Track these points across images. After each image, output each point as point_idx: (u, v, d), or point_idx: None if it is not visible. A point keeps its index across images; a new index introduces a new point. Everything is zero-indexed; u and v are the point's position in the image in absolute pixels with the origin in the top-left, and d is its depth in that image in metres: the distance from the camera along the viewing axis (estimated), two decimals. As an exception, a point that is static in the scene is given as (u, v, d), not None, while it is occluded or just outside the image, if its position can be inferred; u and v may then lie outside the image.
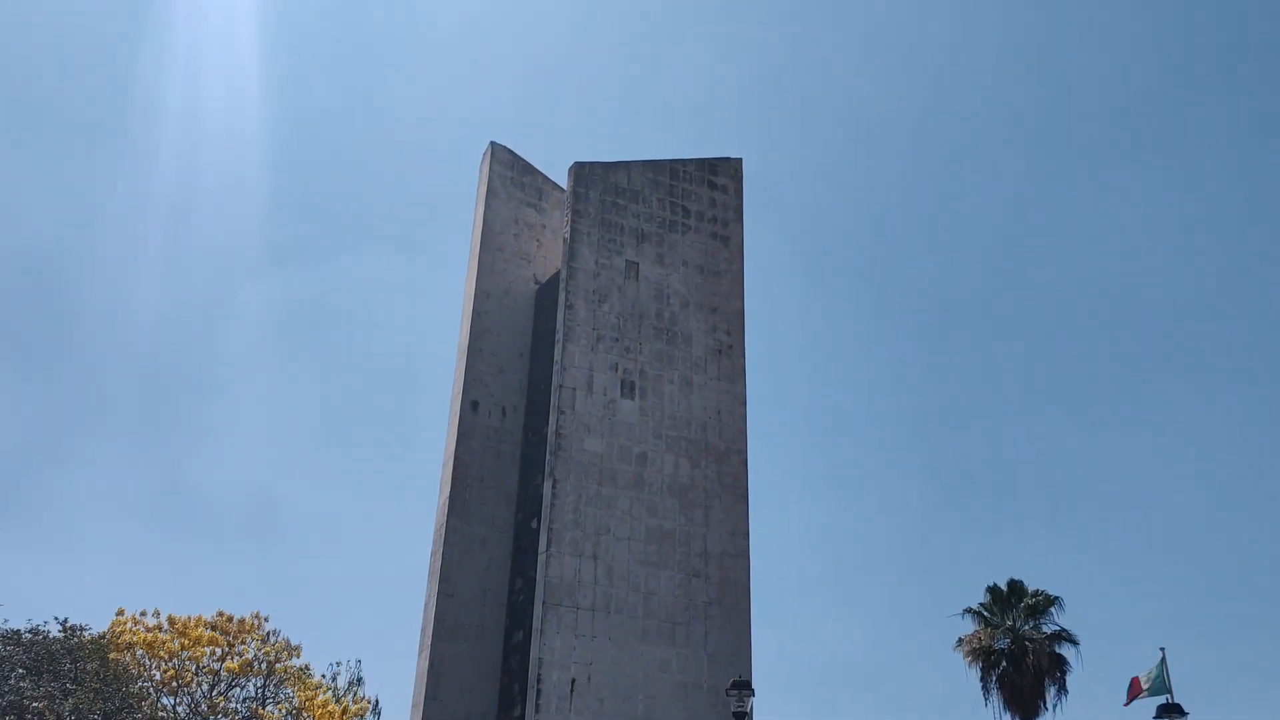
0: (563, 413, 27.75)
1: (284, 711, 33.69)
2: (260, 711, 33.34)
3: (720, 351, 30.27)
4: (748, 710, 20.99)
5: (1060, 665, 32.40)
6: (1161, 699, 19.74)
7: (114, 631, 31.85)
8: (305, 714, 33.34)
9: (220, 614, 34.04)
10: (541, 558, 26.42)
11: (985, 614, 33.91)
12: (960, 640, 33.88)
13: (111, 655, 29.46)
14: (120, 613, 33.07)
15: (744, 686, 20.98)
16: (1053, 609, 33.41)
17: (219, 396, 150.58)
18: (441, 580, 28.34)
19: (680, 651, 26.38)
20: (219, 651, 33.48)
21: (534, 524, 27.96)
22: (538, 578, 26.35)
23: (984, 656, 32.83)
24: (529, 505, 29.14)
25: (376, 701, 36.24)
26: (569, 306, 28.71)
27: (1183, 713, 17.69)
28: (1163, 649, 21.59)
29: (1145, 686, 23.66)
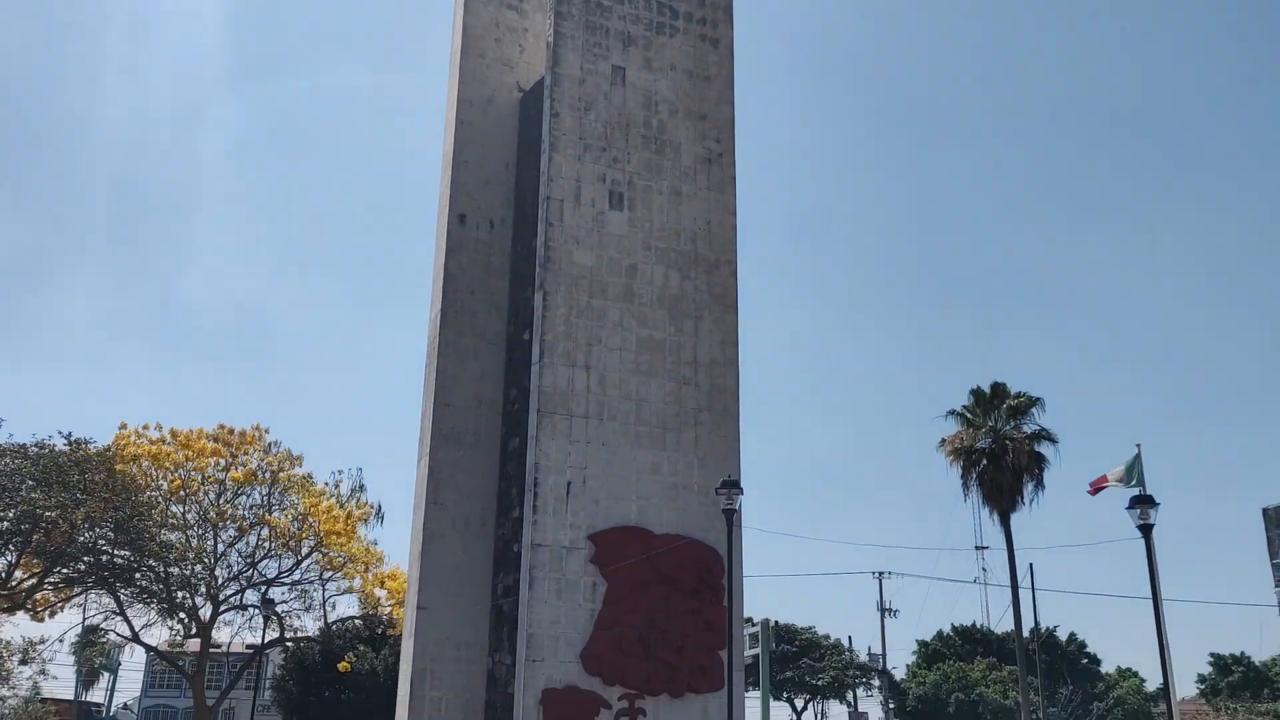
0: (551, 225, 27.54)
1: (290, 517, 35.00)
2: (267, 517, 34.62)
3: (709, 160, 29.80)
4: (736, 508, 21.85)
5: (1039, 463, 33.55)
6: (1135, 491, 20.59)
7: (118, 445, 32.63)
8: (310, 519, 34.66)
9: (221, 427, 34.84)
10: (534, 368, 26.81)
11: (968, 415, 34.86)
12: (943, 441, 34.96)
13: (118, 467, 30.30)
14: (123, 426, 33.81)
15: (733, 486, 21.78)
16: (1034, 409, 34.35)
17: (199, 213, 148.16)
18: (437, 391, 28.83)
19: (671, 455, 27.16)
20: (222, 462, 34.45)
21: (526, 335, 28.24)
22: (531, 387, 26.81)
23: (965, 456, 33.95)
24: (520, 317, 29.34)
25: (379, 507, 37.53)
26: (554, 115, 28.04)
27: (1153, 503, 18.46)
28: (1138, 445, 22.40)
29: (1115, 481, 24.65)
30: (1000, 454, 33.36)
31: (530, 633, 24.48)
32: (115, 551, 30.81)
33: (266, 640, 36.92)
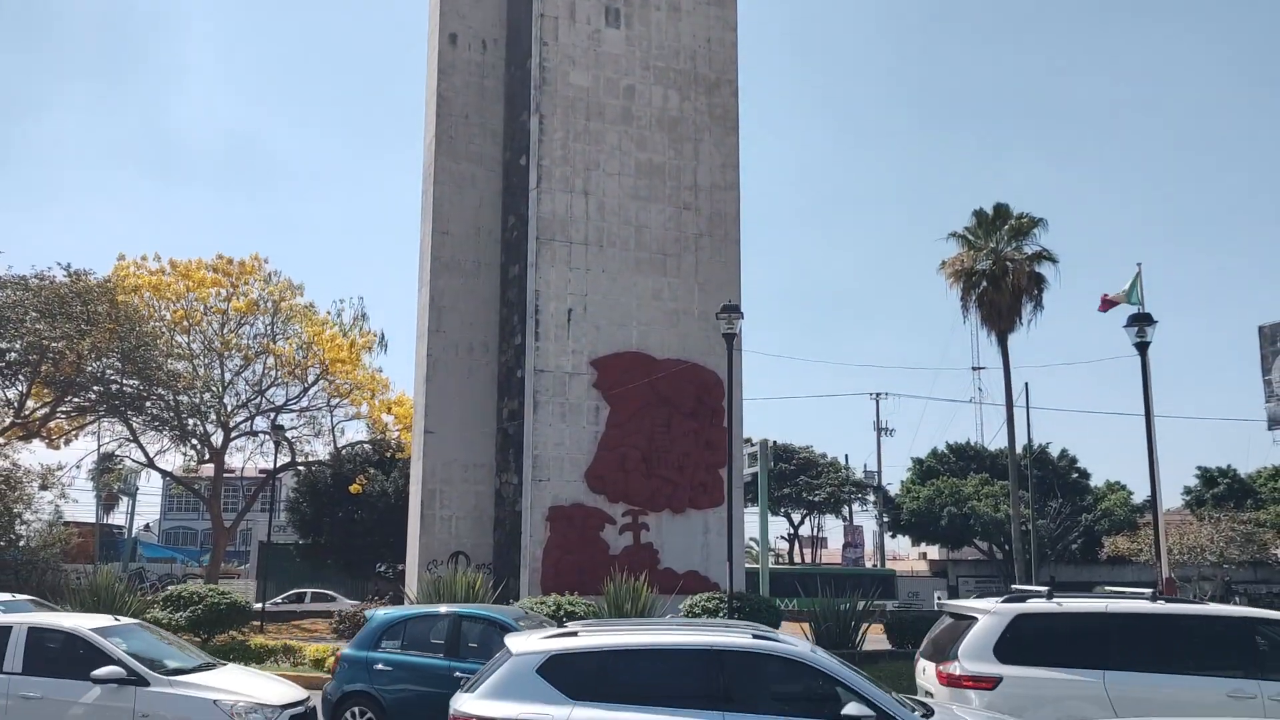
0: (545, 44, 26.64)
1: (294, 346, 35.32)
2: (271, 346, 34.94)
3: (709, -28, 28.56)
4: (737, 332, 21.99)
5: (1039, 284, 33.59)
6: (1134, 309, 20.67)
7: (118, 276, 32.59)
8: (315, 347, 34.98)
9: (220, 257, 34.73)
10: (532, 194, 26.48)
11: (969, 237, 34.66)
12: (943, 263, 34.89)
13: (120, 298, 30.34)
14: (121, 258, 33.69)
15: (733, 310, 21.82)
16: (1036, 230, 34.12)
17: (187, 36, 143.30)
18: (435, 218, 28.55)
19: (672, 281, 27.16)
20: (223, 293, 34.49)
21: (523, 161, 27.75)
22: (529, 214, 26.55)
23: (965, 278, 33.95)
24: (517, 142, 28.75)
25: (382, 335, 37.81)
26: (547, -75, 26.70)
27: (1151, 321, 18.56)
28: (1139, 264, 22.31)
29: (1120, 300, 24.68)
30: (1000, 275, 33.34)
31: (535, 454, 25.13)
32: (124, 381, 31.23)
33: (278, 465, 37.93)
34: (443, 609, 13.43)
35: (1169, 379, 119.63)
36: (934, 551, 61.32)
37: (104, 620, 11.42)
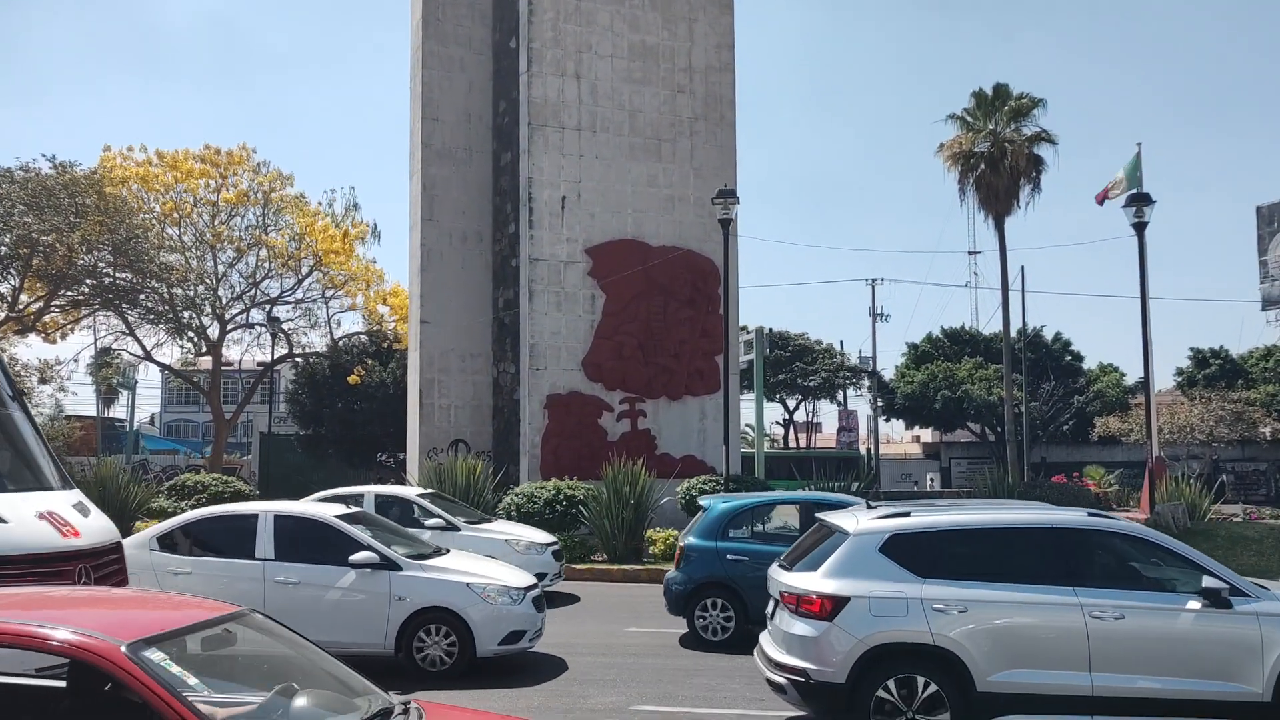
0: (534, -81, 25.74)
1: (287, 238, 35.06)
2: (263, 238, 34.68)
3: None
4: (733, 217, 21.84)
5: (1037, 166, 33.18)
6: (1132, 190, 20.49)
7: (105, 167, 32.11)
8: (307, 239, 34.73)
9: (207, 147, 34.17)
10: (523, 78, 25.90)
11: (968, 119, 34.08)
12: (941, 145, 34.41)
13: (107, 190, 29.95)
14: (107, 149, 33.15)
15: (729, 195, 21.65)
16: (1035, 111, 33.54)
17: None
18: (424, 105, 27.96)
19: (666, 167, 26.79)
20: (212, 184, 34.05)
21: (513, 43, 27.06)
22: (520, 99, 26.03)
23: (963, 160, 33.51)
24: (506, 24, 27.96)
25: (375, 225, 37.56)
26: None
27: (1150, 200, 18.40)
28: (1139, 144, 22.05)
29: (1115, 189, 24.45)
30: (999, 157, 32.91)
31: (532, 343, 25.20)
32: (116, 274, 31.07)
33: (276, 357, 38.06)
34: (792, 495, 13.58)
35: (1165, 261, 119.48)
36: (927, 435, 62.17)
37: (339, 509, 11.63)
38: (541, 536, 15.90)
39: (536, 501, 20.36)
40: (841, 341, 72.00)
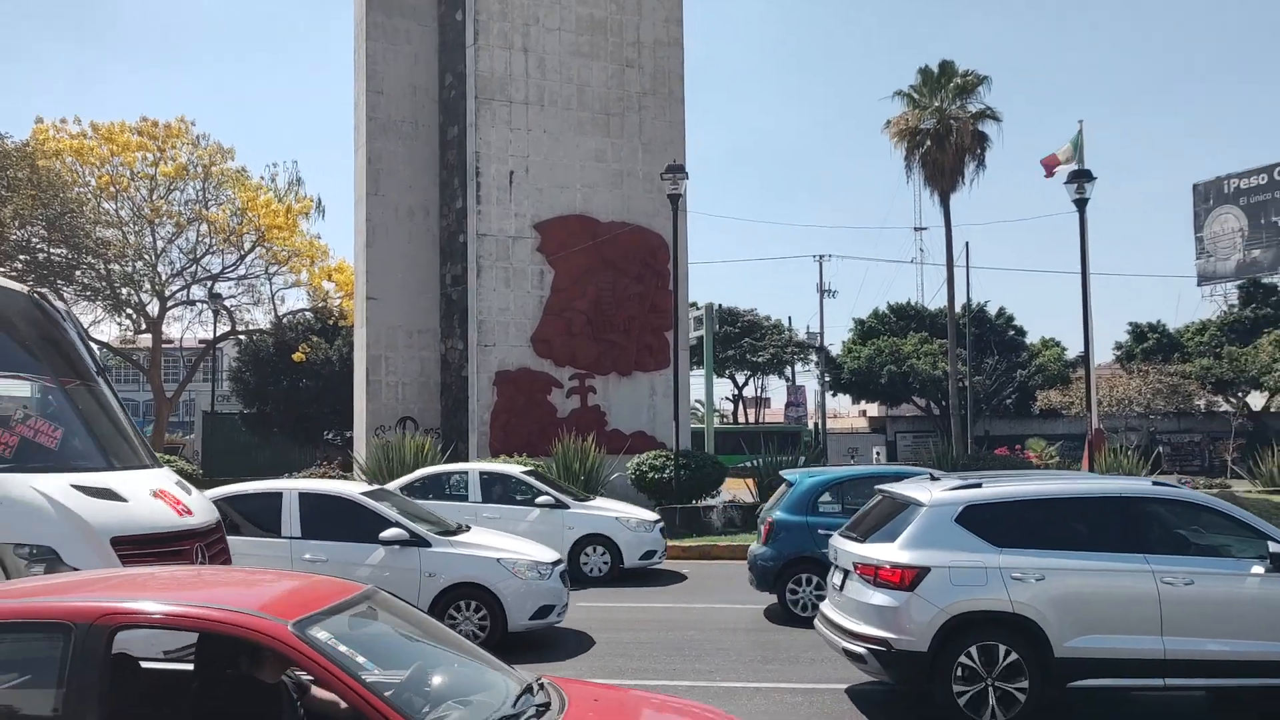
0: (480, -111, 25.35)
1: (228, 213, 34.37)
2: (203, 213, 33.98)
3: None
4: (682, 193, 21.82)
5: (982, 143, 33.50)
6: (1073, 166, 20.80)
7: (37, 140, 31.19)
8: (249, 213, 34.07)
9: (144, 119, 33.30)
10: (469, 51, 25.58)
11: (914, 96, 34.28)
12: (888, 122, 34.61)
13: (40, 163, 29.11)
14: (39, 120, 32.18)
15: (678, 170, 21.62)
16: (980, 88, 33.85)
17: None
18: (369, 77, 27.48)
19: (615, 142, 26.65)
20: (150, 157, 33.24)
21: (459, 15, 26.68)
22: (467, 72, 25.71)
23: (910, 137, 33.73)
24: (452, -5, 27.60)
25: (319, 200, 36.91)
26: None
27: (1091, 177, 18.70)
28: (1080, 121, 22.37)
29: (1064, 159, 24.79)
30: (944, 134, 33.16)
31: (480, 320, 25.01)
32: (51, 250, 30.28)
33: (218, 334, 37.39)
34: (880, 469, 13.71)
35: (1106, 238, 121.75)
36: (873, 409, 62.90)
37: (361, 486, 11.56)
38: (648, 514, 16.19)
39: (486, 478, 20.25)
40: (790, 317, 72.57)
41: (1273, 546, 7.53)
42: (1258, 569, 7.48)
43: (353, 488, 11.40)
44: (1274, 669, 7.38)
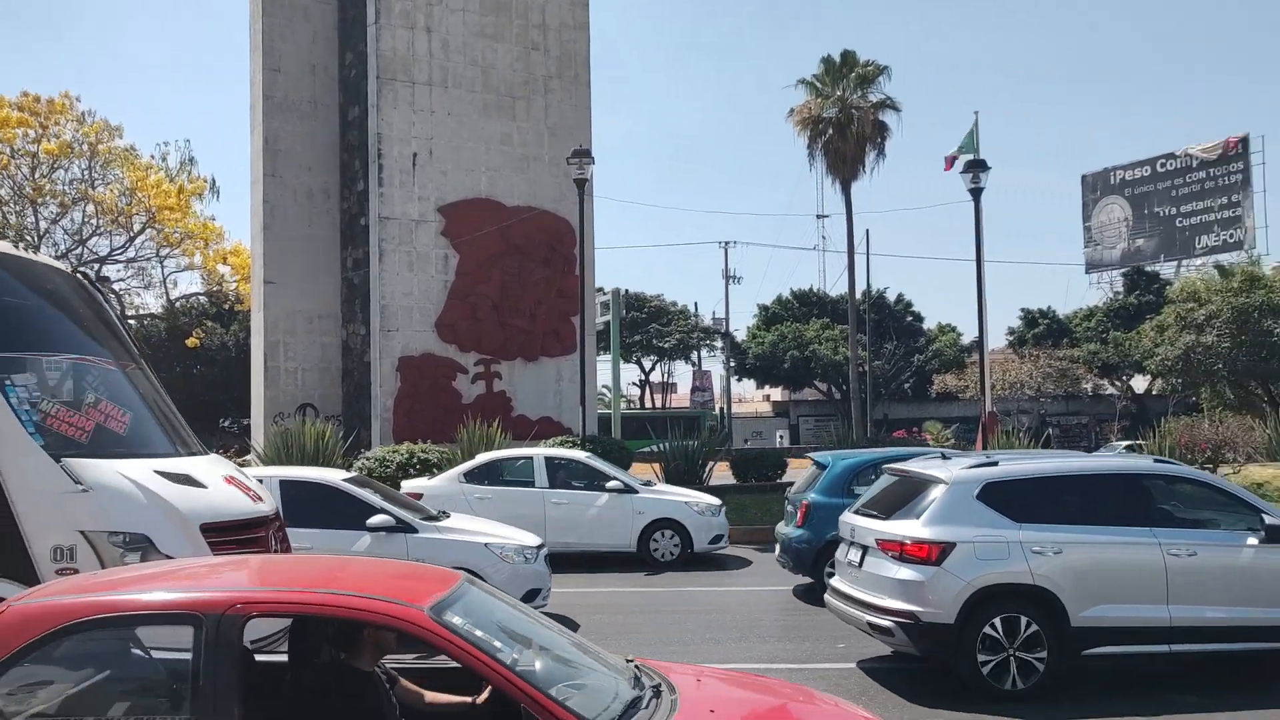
0: None
1: (116, 193, 33.09)
2: (90, 193, 32.65)
3: None
4: (588, 177, 21.75)
5: (882, 132, 34.22)
6: (969, 156, 21.37)
7: (-93, 114, 29.55)
8: (139, 194, 32.86)
9: (25, 94, 31.82)
10: (371, 30, 25.05)
11: (817, 85, 34.81)
12: (792, 110, 35.07)
13: (-90, 139, 27.58)
14: (-92, 95, 30.45)
15: (584, 155, 21.53)
16: (881, 78, 34.53)
17: None
18: (265, 54, 26.69)
19: (521, 125, 26.43)
20: (31, 134, 31.80)
21: (359, -7, 26.15)
22: (369, 51, 25.18)
23: (813, 125, 34.26)
24: (352, -28, 26.96)
25: (213, 180, 35.73)
26: None
27: (985, 167, 19.24)
28: (976, 113, 23.02)
29: (961, 153, 25.43)
30: (846, 123, 33.76)
31: (383, 305, 24.59)
32: (-76, 230, 28.78)
33: (107, 319, 35.97)
34: (910, 450, 13.42)
35: (1001, 226, 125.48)
36: (777, 393, 63.87)
37: (342, 472, 11.41)
38: (713, 499, 15.91)
39: (389, 466, 19.92)
40: (696, 303, 73.13)
41: (1268, 519, 8.02)
42: (1252, 540, 7.97)
43: (335, 474, 11.25)
44: (1266, 634, 7.90)
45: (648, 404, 66.40)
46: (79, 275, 8.08)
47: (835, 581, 8.88)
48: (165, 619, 3.92)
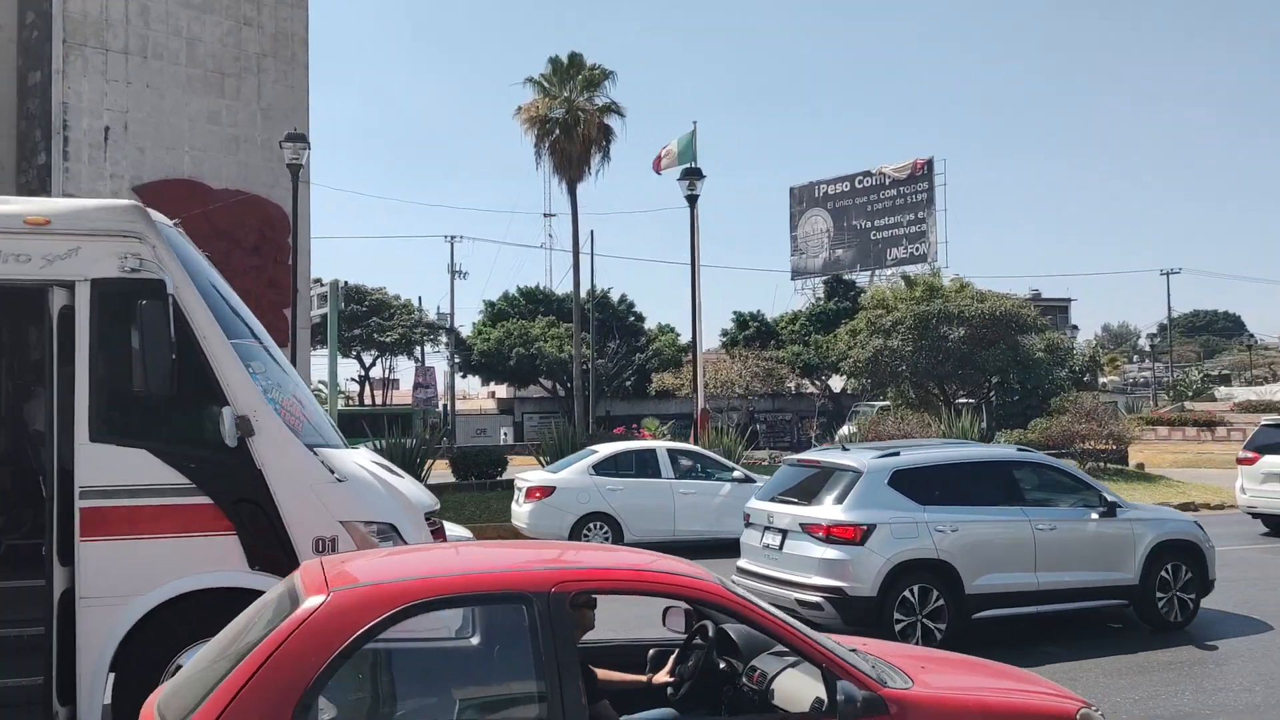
0: None
1: None
2: None
3: None
4: (303, 163, 20.85)
5: (607, 135, 35.01)
6: (687, 164, 22.24)
7: None
8: None
9: None
10: (57, -11, 22.80)
11: (545, 84, 35.10)
12: (520, 109, 35.17)
13: None
14: None
15: (299, 139, 20.63)
16: (607, 82, 35.29)
17: None
18: (-74, 5, 23.66)
19: (231, 104, 24.88)
20: None
21: (44, -54, 23.67)
22: (54, 12, 22.85)
23: (540, 125, 34.51)
24: (36, -78, 24.38)
25: None
26: None
27: (701, 175, 20.10)
28: (694, 122, 24.00)
29: (667, 157, 26.42)
30: (573, 124, 34.25)
31: (67, 290, 22.40)
32: None
33: None
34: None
35: (718, 232, 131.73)
36: (502, 390, 63.81)
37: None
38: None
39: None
40: (420, 298, 71.81)
41: (1106, 497, 9.75)
42: (1094, 515, 9.64)
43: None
44: (1103, 592, 9.55)
45: (368, 400, 64.45)
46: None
47: (744, 563, 9.84)
48: (497, 599, 4.08)
